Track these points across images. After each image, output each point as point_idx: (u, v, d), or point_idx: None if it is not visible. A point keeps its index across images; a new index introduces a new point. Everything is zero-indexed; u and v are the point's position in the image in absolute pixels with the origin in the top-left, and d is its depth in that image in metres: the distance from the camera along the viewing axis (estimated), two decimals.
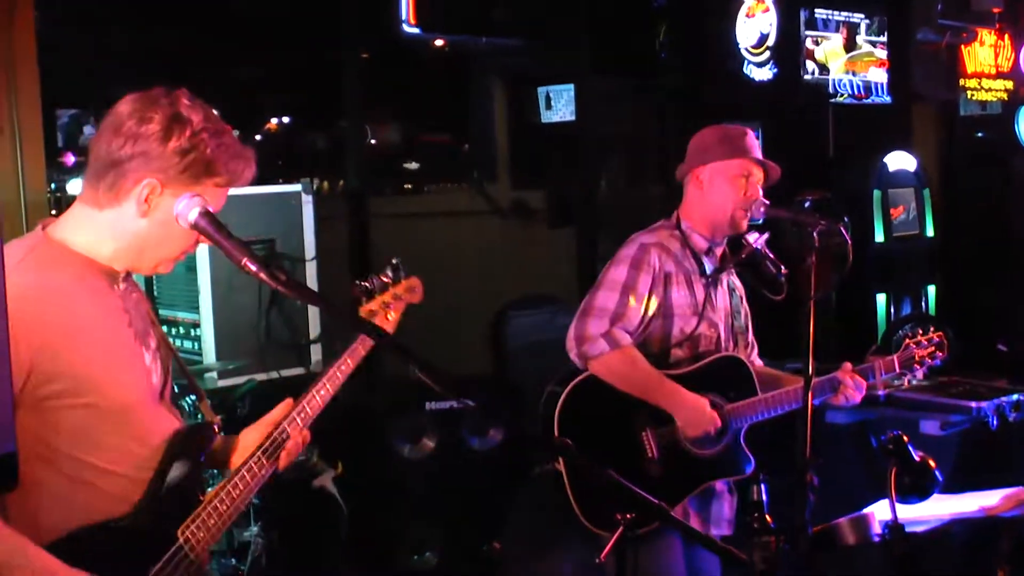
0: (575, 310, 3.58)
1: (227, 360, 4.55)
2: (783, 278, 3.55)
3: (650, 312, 3.52)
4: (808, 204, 6.55)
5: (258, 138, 6.70)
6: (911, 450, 2.72)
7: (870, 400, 4.33)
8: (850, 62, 7.50)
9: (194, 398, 3.43)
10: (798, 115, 7.38)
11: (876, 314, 7.29)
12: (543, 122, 7.09)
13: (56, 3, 4.90)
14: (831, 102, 7.48)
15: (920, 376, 3.74)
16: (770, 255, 3.59)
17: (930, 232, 7.62)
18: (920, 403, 4.73)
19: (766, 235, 3.62)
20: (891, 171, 7.43)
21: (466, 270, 6.23)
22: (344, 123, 6.26)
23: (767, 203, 3.56)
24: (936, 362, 3.73)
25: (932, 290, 7.66)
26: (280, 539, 4.58)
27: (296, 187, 4.89)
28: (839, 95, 7.44)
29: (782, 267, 3.57)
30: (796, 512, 2.69)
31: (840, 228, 3.27)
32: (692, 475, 3.54)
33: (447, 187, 7.54)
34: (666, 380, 3.50)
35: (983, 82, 8.53)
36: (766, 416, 3.55)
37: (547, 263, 6.73)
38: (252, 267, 2.05)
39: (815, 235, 3.18)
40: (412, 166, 7.37)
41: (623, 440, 3.50)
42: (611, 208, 6.89)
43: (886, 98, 7.76)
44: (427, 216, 6.60)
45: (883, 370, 3.65)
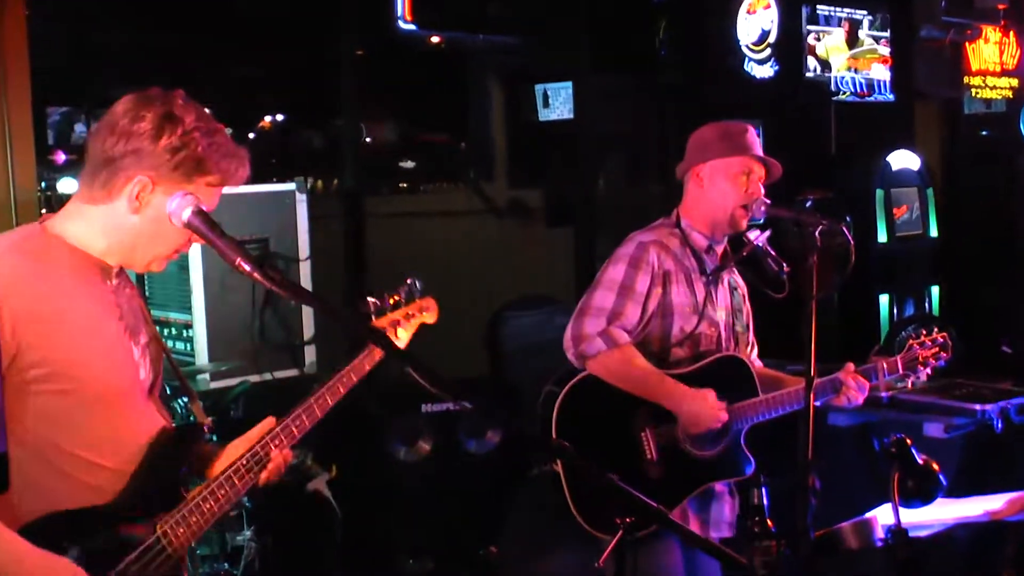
0: (573, 310, 3.55)
1: (220, 361, 4.56)
2: (785, 276, 3.52)
3: (649, 311, 3.48)
4: (810, 203, 6.54)
5: (252, 136, 6.66)
6: (914, 453, 2.69)
7: (873, 402, 4.29)
8: (852, 59, 7.46)
9: (186, 400, 3.40)
10: (800, 113, 7.35)
11: (879, 315, 7.26)
12: (541, 120, 7.05)
13: (47, 1, 4.88)
14: (833, 100, 7.46)
15: (924, 377, 3.70)
16: (771, 252, 3.56)
17: (934, 232, 7.58)
18: (923, 405, 4.69)
19: (767, 232, 3.58)
20: (894, 170, 7.39)
21: (463, 270, 6.21)
22: (339, 121, 6.25)
23: (768, 202, 3.53)
24: (940, 363, 3.68)
25: (936, 291, 7.63)
26: (274, 543, 4.56)
27: (290, 186, 4.89)
28: (841, 93, 7.41)
29: (784, 264, 3.53)
30: (797, 516, 2.66)
31: (842, 228, 3.24)
32: (691, 476, 3.50)
33: (443, 186, 7.52)
34: (666, 377, 3.46)
35: (987, 80, 8.49)
36: (767, 417, 3.51)
37: (545, 263, 6.71)
38: (246, 267, 2.07)
39: (817, 235, 3.14)
40: (408, 165, 7.35)
41: (622, 440, 3.46)
42: (610, 207, 6.85)
43: (889, 96, 7.72)
44: (423, 216, 6.58)
45: (886, 371, 3.60)
